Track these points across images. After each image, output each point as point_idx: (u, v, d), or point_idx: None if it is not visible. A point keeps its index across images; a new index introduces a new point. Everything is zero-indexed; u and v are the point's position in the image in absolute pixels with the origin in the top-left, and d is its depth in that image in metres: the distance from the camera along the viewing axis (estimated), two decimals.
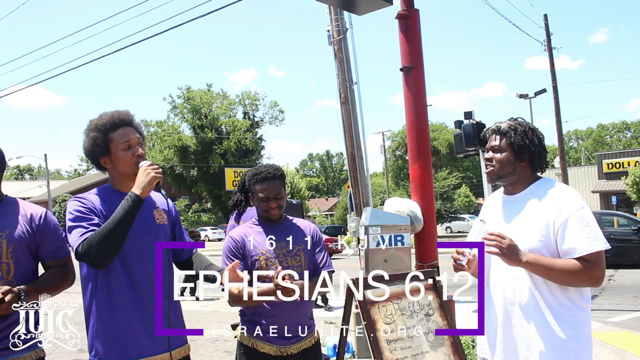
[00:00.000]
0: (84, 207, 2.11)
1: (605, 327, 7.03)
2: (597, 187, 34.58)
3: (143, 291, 2.15)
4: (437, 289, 2.60)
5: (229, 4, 8.39)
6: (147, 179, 2.12)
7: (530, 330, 2.12)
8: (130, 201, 2.06)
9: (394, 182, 49.16)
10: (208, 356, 6.02)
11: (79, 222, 2.07)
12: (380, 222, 5.15)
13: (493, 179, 2.29)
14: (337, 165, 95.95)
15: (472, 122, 6.83)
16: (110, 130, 2.18)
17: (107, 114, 2.22)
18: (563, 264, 2.05)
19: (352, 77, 6.34)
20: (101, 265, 2.04)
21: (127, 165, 2.20)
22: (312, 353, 2.57)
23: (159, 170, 2.16)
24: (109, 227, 2.01)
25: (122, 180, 2.24)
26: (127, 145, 2.19)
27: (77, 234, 2.04)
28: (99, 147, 2.18)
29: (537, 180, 2.24)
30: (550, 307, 2.09)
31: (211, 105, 43.52)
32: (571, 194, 2.13)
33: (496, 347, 2.24)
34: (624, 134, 73.14)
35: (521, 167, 2.22)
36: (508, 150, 2.21)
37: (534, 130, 2.24)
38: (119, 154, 2.18)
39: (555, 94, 19.36)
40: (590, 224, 2.06)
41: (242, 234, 2.55)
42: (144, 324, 2.13)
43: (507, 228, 2.21)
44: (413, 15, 5.28)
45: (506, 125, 2.25)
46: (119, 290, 2.11)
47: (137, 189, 2.10)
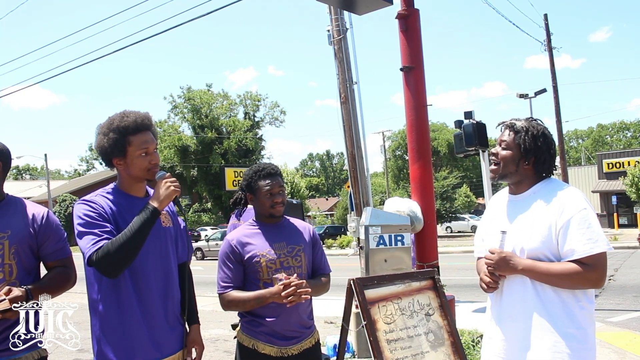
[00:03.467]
0: (94, 212, 2.07)
1: (605, 327, 7.02)
2: (597, 187, 34.58)
3: (148, 294, 2.14)
4: (437, 289, 2.60)
5: (228, 4, 8.39)
6: (167, 192, 2.13)
7: (531, 330, 2.11)
8: (148, 213, 2.06)
9: (394, 182, 49.16)
10: (208, 356, 6.02)
11: (90, 229, 2.03)
12: (380, 222, 5.15)
13: (496, 178, 2.29)
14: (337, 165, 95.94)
15: (472, 121, 6.82)
16: (131, 134, 2.15)
17: (129, 116, 2.18)
18: (560, 269, 2.04)
19: (352, 77, 6.35)
20: (115, 275, 2.02)
21: (142, 171, 2.18)
22: (312, 353, 2.57)
23: (178, 185, 2.18)
24: (126, 237, 1.99)
25: (133, 183, 2.22)
26: (145, 151, 2.17)
27: (90, 241, 2.00)
28: (116, 149, 2.15)
29: (542, 181, 2.23)
30: (553, 306, 2.08)
31: (211, 105, 43.54)
32: (575, 195, 2.12)
33: (497, 345, 2.23)
34: (624, 133, 73.11)
35: (524, 168, 2.21)
36: (515, 148, 2.21)
37: (547, 136, 2.22)
38: (136, 159, 2.16)
39: (555, 93, 19.37)
40: (592, 226, 2.04)
41: (239, 236, 2.53)
42: (148, 326, 2.11)
43: (511, 228, 2.21)
44: (413, 15, 5.28)
45: (521, 124, 2.23)
46: (125, 292, 2.10)
47: (156, 202, 2.10)
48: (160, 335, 2.15)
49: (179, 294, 2.29)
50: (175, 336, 2.23)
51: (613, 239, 23.21)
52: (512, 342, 2.17)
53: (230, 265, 2.49)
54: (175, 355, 2.21)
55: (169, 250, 2.24)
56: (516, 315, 2.16)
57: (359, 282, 2.34)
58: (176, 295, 2.27)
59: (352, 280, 2.33)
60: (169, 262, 2.24)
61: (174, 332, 2.22)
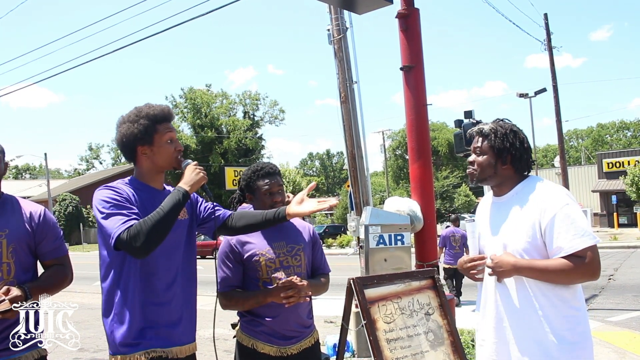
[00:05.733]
0: (120, 196, 2.07)
1: (605, 327, 7.03)
2: (597, 187, 34.60)
3: (161, 283, 2.12)
4: (437, 288, 2.60)
5: (228, 3, 8.37)
6: (197, 177, 2.15)
7: (523, 332, 2.11)
8: (180, 195, 2.07)
9: (394, 181, 49.16)
10: (208, 355, 6.01)
11: (118, 210, 2.01)
12: (380, 222, 5.15)
13: (474, 182, 2.31)
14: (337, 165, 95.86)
15: (472, 121, 6.82)
16: (159, 122, 2.18)
17: (155, 106, 2.23)
18: (555, 265, 2.03)
19: (352, 76, 6.34)
20: (145, 254, 2.00)
21: (168, 158, 2.20)
22: (312, 353, 2.57)
23: (204, 172, 2.20)
24: (159, 216, 1.99)
25: (155, 173, 2.23)
26: (170, 138, 2.20)
27: (119, 221, 1.98)
28: (146, 135, 2.16)
29: (522, 180, 2.23)
30: (543, 308, 2.08)
31: (211, 104, 43.54)
32: (554, 193, 2.11)
33: (490, 348, 2.24)
34: (624, 133, 73.11)
35: (503, 169, 2.21)
36: (489, 153, 2.21)
37: (516, 132, 2.22)
38: (163, 146, 2.18)
39: (555, 93, 19.36)
40: (576, 221, 2.03)
41: (239, 236, 2.52)
42: (164, 316, 2.11)
43: (496, 231, 2.22)
44: (413, 14, 5.28)
45: (488, 127, 2.24)
46: (133, 279, 2.08)
47: (186, 185, 2.12)
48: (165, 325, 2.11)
49: (192, 288, 2.27)
50: (183, 329, 2.18)
51: (613, 238, 23.22)
52: (504, 345, 2.17)
53: (229, 265, 2.49)
54: (185, 347, 2.17)
55: (181, 242, 2.22)
56: (508, 318, 2.16)
57: (358, 281, 2.34)
58: (187, 289, 2.23)
59: (351, 280, 2.33)
60: (180, 254, 2.21)
61: (181, 324, 2.17)
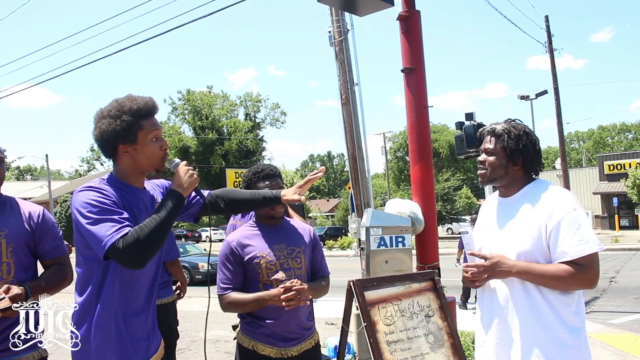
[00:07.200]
0: (108, 199, 1.86)
1: (606, 329, 7.01)
2: (598, 189, 34.54)
3: (139, 292, 2.00)
4: (438, 290, 2.60)
5: (229, 5, 8.39)
6: (191, 180, 2.01)
7: (523, 334, 2.11)
8: (175, 199, 1.93)
9: (395, 183, 49.12)
10: (209, 357, 6.02)
11: (108, 215, 1.81)
12: (381, 223, 5.15)
13: (485, 182, 2.29)
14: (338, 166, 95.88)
15: (473, 123, 6.81)
16: (143, 117, 1.95)
17: (138, 99, 1.98)
18: (554, 270, 2.03)
19: (353, 78, 6.34)
20: (142, 265, 1.82)
21: (152, 158, 1.98)
22: (312, 354, 2.57)
23: (196, 173, 2.06)
24: (156, 222, 1.82)
25: (136, 173, 2.01)
26: (155, 136, 1.98)
27: (111, 228, 1.78)
28: (129, 133, 1.93)
29: (531, 182, 2.23)
30: (544, 310, 2.08)
31: (212, 106, 43.59)
32: (563, 197, 2.11)
33: (490, 349, 2.23)
34: (625, 135, 73.03)
35: (514, 170, 2.21)
36: (501, 153, 2.21)
37: (529, 134, 2.22)
38: (147, 144, 1.96)
39: (556, 95, 19.33)
40: (583, 227, 2.03)
41: (239, 238, 2.53)
42: (141, 326, 2.01)
43: (501, 232, 2.21)
44: (414, 16, 5.28)
45: (501, 127, 2.23)
46: (120, 291, 1.93)
47: (180, 188, 1.98)
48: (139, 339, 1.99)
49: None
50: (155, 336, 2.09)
51: (614, 240, 23.18)
52: (503, 347, 2.17)
53: (230, 267, 2.50)
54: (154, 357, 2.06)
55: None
56: (507, 320, 2.16)
57: (358, 283, 2.33)
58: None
59: (351, 282, 2.33)
60: (157, 256, 2.04)
61: (154, 331, 2.08)
